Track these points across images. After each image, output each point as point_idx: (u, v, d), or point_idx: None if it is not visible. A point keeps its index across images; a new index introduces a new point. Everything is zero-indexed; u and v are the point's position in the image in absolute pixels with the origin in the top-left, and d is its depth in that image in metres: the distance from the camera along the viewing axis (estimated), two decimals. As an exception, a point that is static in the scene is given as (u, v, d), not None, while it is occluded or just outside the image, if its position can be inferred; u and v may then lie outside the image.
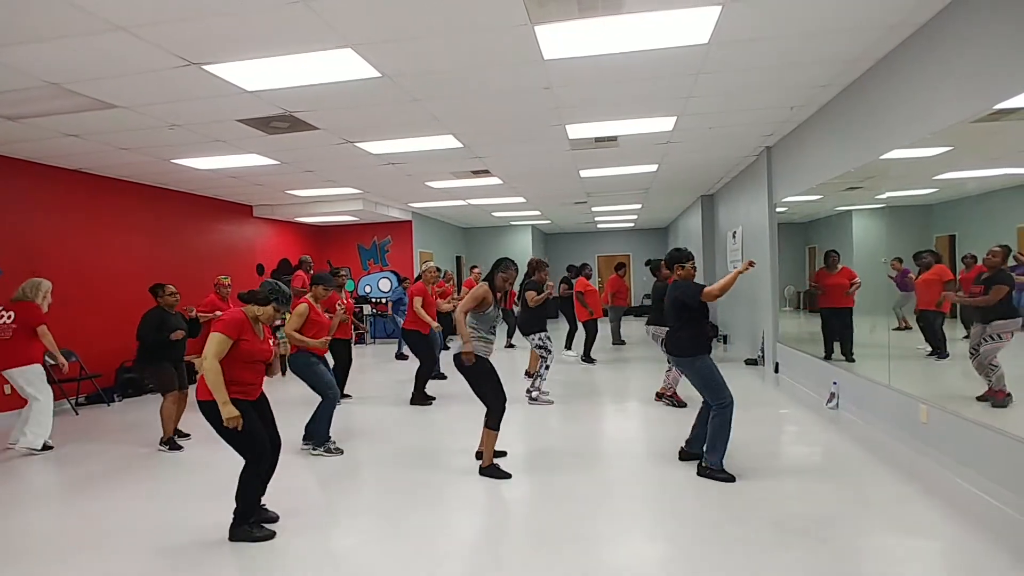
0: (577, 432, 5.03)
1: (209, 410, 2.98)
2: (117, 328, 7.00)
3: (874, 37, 3.92)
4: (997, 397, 3.53)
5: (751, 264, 3.74)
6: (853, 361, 5.40)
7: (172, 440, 4.81)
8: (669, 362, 5.30)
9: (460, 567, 2.76)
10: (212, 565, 2.84)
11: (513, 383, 6.69)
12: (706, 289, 3.75)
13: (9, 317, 4.95)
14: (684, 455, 4.10)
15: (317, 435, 4.53)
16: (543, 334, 6.07)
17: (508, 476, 3.88)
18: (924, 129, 3.78)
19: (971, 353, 3.76)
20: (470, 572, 2.71)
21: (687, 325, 3.88)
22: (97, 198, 7.21)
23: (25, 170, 6.34)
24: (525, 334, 6.17)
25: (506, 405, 3.96)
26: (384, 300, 12.17)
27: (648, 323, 6.05)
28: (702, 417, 3.99)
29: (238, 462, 3.08)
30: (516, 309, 8.53)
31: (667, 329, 4.11)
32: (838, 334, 5.71)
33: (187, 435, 5.06)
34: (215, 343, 2.95)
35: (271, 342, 3.28)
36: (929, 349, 4.31)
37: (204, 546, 3.01)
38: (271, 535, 3.04)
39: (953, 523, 2.98)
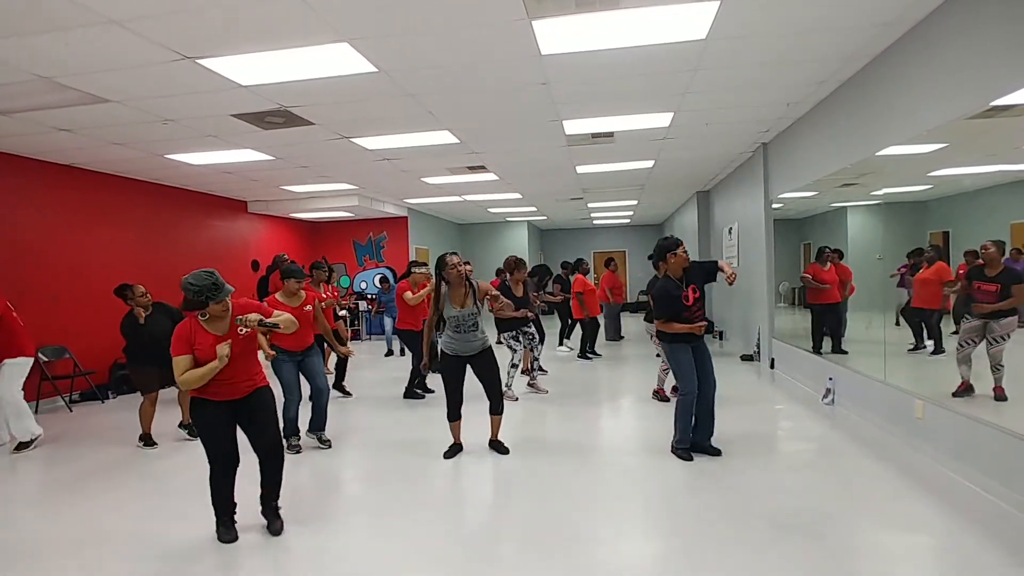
0: (573, 428, 5.03)
1: (191, 408, 3.04)
2: (111, 324, 6.91)
3: (870, 34, 3.92)
4: (997, 392, 3.53)
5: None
6: (845, 353, 5.47)
7: (148, 437, 4.78)
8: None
9: (458, 567, 2.76)
10: (207, 564, 2.83)
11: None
12: (663, 325, 4.01)
13: None
14: (695, 448, 4.14)
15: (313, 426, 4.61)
16: (509, 333, 6.06)
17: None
18: (920, 126, 3.79)
19: (959, 347, 3.77)
20: (467, 571, 2.71)
21: None
22: (90, 193, 7.15)
23: (17, 165, 6.28)
24: (499, 332, 6.19)
25: (456, 406, 4.21)
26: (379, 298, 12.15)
27: (646, 319, 6.05)
28: (698, 406, 4.08)
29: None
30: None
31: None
32: (830, 328, 5.77)
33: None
34: (177, 367, 2.87)
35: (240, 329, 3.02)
36: (913, 344, 4.35)
37: (201, 545, 2.99)
38: (232, 539, 2.99)
39: (948, 519, 3.00)
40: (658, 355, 5.72)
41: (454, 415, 4.23)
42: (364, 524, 3.25)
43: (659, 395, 5.79)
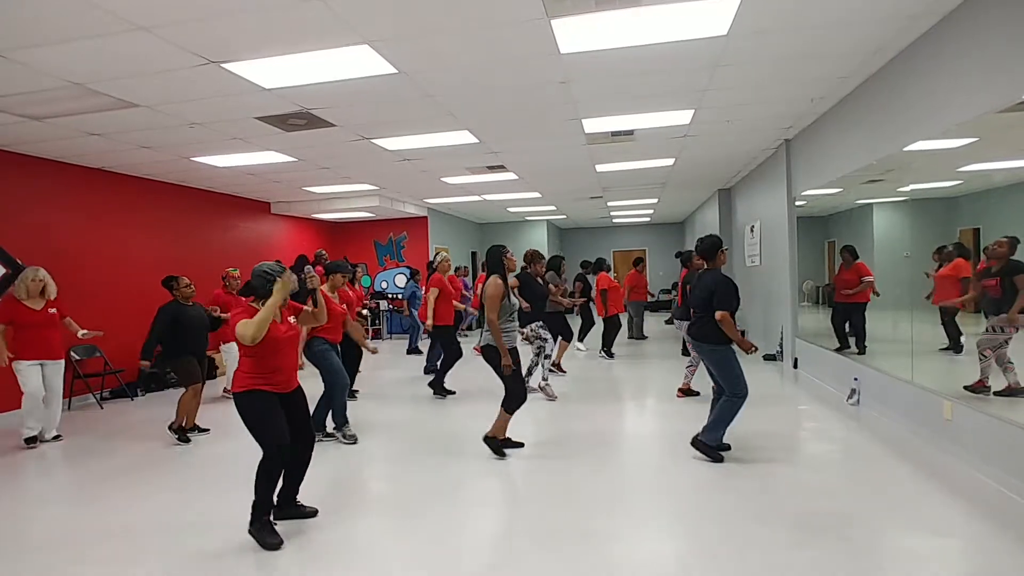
0: (595, 426, 5.01)
1: (240, 402, 2.98)
2: (140, 324, 7.08)
3: (897, 27, 3.85)
4: (1006, 392, 3.57)
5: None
6: (863, 353, 5.44)
7: (182, 429, 4.89)
8: (691, 350, 5.39)
9: (476, 562, 2.78)
10: (232, 558, 2.88)
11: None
12: (728, 318, 3.83)
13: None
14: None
15: (316, 421, 4.63)
16: (536, 324, 6.03)
17: (503, 456, 4.18)
18: (949, 120, 3.70)
19: (984, 346, 3.81)
20: (486, 568, 2.73)
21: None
22: (119, 196, 7.33)
23: (50, 169, 6.47)
24: (520, 325, 6.15)
25: (526, 395, 4.22)
26: (400, 296, 12.24)
27: (677, 318, 6.00)
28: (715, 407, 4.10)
29: (258, 456, 3.08)
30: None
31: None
32: (853, 328, 5.77)
33: (206, 430, 5.16)
34: (251, 324, 2.84)
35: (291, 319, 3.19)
36: (947, 343, 4.26)
37: (226, 540, 3.05)
38: (278, 544, 2.93)
39: (977, 522, 2.94)
40: (686, 354, 5.68)
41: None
42: (385, 520, 3.28)
43: (690, 392, 5.81)
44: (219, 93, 4.52)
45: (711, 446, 3.97)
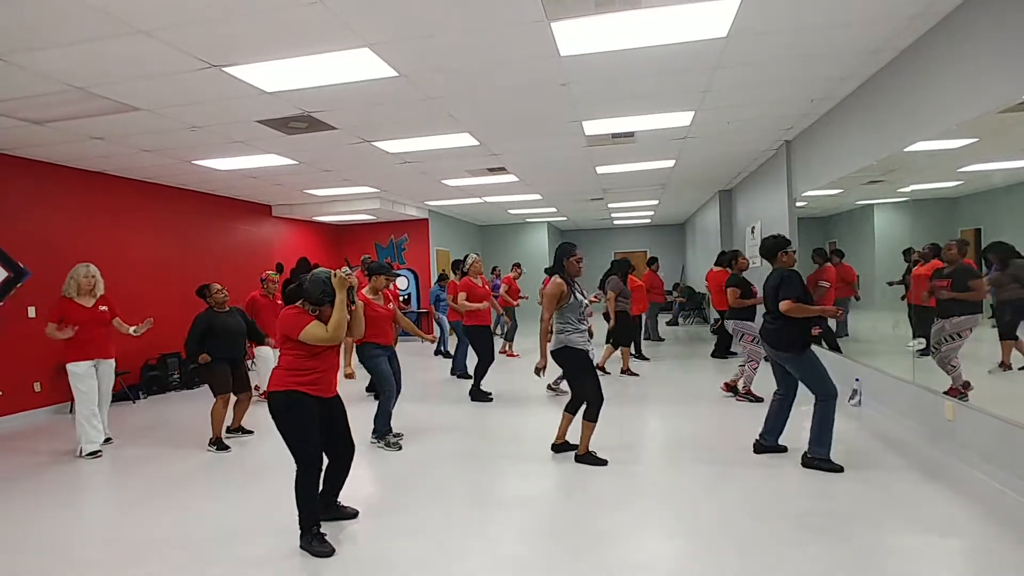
0: (610, 429, 4.97)
1: (276, 402, 2.90)
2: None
3: (897, 27, 3.85)
4: (952, 395, 3.78)
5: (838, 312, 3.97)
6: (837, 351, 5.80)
7: (220, 441, 4.78)
8: (765, 356, 5.45)
9: (482, 562, 2.78)
10: (256, 565, 2.88)
11: (529, 380, 6.69)
12: (792, 305, 3.71)
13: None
14: (760, 448, 4.11)
15: (376, 429, 4.66)
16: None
17: (604, 463, 3.98)
18: (949, 120, 3.71)
19: (932, 350, 4.02)
20: (492, 568, 2.73)
21: (792, 319, 3.77)
22: (121, 199, 7.35)
23: (51, 173, 6.49)
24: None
25: (603, 398, 3.99)
26: (402, 298, 12.25)
27: (730, 317, 5.95)
28: (775, 410, 4.07)
29: (279, 465, 3.01)
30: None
31: (762, 319, 4.06)
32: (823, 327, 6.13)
33: (250, 431, 5.15)
34: (313, 330, 2.83)
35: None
36: (923, 344, 4.31)
37: (247, 545, 3.06)
38: (330, 552, 2.85)
39: (979, 522, 2.93)
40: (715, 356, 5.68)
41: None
42: (399, 520, 3.27)
43: (748, 396, 5.73)
44: (220, 96, 4.54)
45: (824, 459, 3.74)
